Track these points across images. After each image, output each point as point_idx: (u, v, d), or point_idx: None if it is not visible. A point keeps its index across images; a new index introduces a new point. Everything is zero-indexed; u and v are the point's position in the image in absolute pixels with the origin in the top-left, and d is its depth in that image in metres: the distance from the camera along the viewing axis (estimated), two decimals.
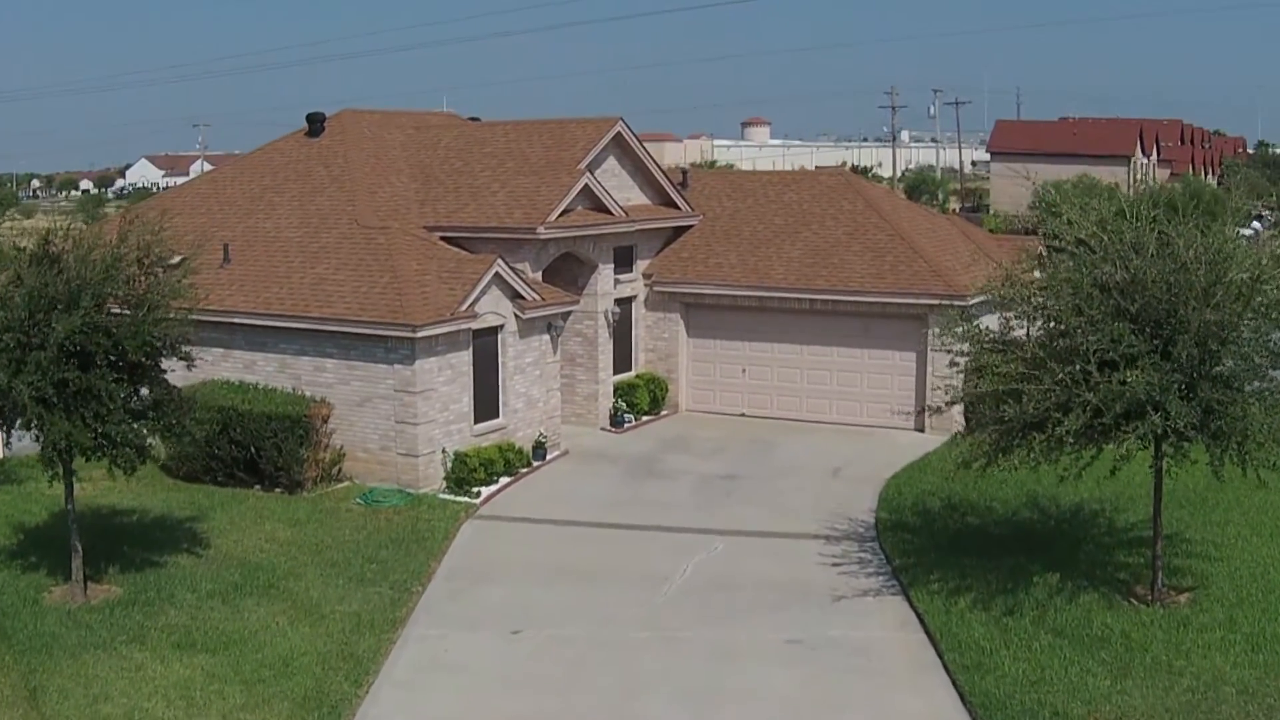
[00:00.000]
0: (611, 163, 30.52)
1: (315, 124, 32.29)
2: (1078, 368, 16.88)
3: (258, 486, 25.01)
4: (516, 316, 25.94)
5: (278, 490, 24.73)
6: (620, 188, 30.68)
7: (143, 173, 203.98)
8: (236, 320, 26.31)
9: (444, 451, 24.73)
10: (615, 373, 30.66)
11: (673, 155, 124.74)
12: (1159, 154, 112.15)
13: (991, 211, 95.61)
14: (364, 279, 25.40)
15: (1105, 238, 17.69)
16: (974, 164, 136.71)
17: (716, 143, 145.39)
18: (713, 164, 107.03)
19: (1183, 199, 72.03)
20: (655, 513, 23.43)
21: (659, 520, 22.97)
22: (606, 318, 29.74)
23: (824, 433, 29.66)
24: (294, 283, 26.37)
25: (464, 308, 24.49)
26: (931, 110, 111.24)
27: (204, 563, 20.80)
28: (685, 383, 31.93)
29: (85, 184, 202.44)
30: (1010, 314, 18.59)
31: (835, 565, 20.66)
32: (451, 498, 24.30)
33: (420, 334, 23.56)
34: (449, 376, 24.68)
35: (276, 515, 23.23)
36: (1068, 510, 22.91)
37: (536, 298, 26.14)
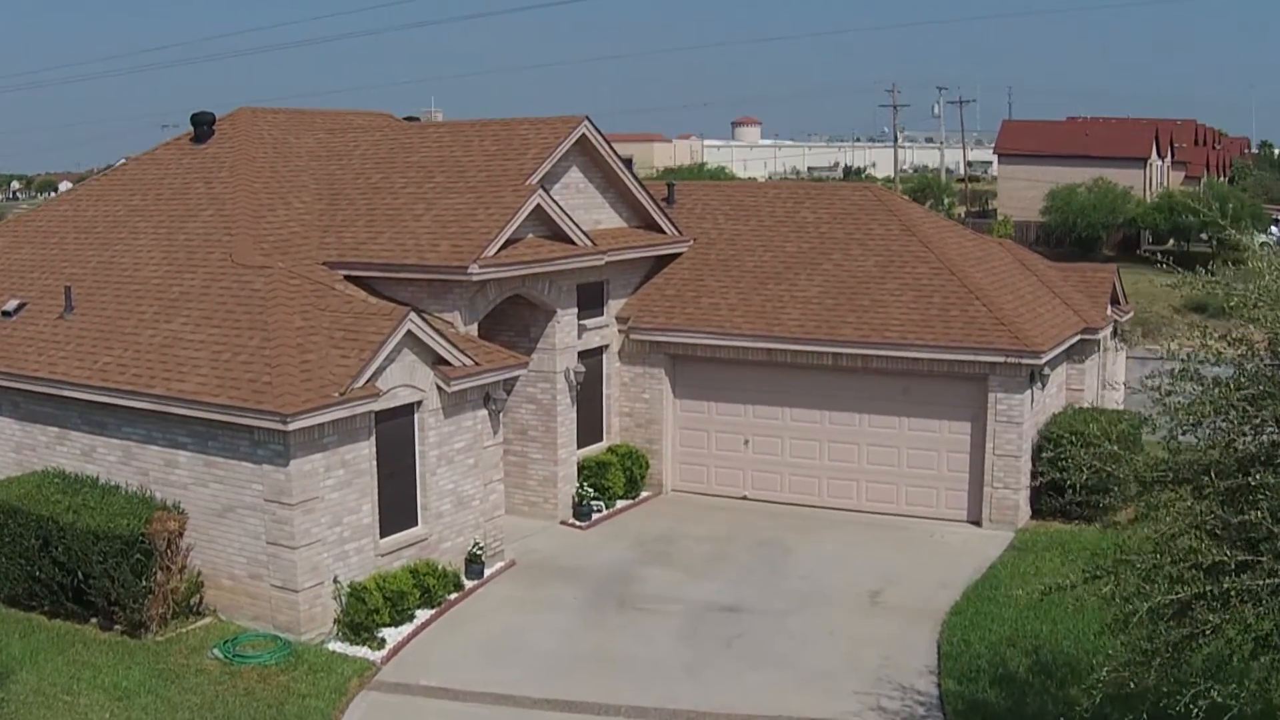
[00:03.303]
0: (575, 175, 23.61)
1: (201, 126, 25.37)
2: None
3: (95, 620, 18.34)
4: (440, 389, 19.03)
5: (117, 628, 18.01)
6: (586, 206, 23.79)
7: None
8: (68, 393, 19.48)
9: (336, 582, 17.83)
10: (581, 446, 23.75)
11: (661, 156, 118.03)
12: (1173, 156, 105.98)
13: (1000, 217, 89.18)
14: (229, 340, 18.50)
15: None
16: (970, 164, 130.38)
17: (706, 143, 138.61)
18: (702, 166, 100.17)
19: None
20: (626, 679, 16.49)
21: (631, 694, 16.04)
22: (568, 378, 22.81)
23: (851, 527, 22.78)
24: (142, 343, 19.48)
25: (361, 383, 17.57)
26: (936, 109, 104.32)
27: None
28: (671, 456, 25.01)
29: (65, 185, 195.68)
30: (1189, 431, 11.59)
31: None
32: (344, 649, 17.42)
33: (294, 425, 16.63)
34: (342, 478, 17.76)
35: (101, 677, 16.59)
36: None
37: (467, 362, 19.22)
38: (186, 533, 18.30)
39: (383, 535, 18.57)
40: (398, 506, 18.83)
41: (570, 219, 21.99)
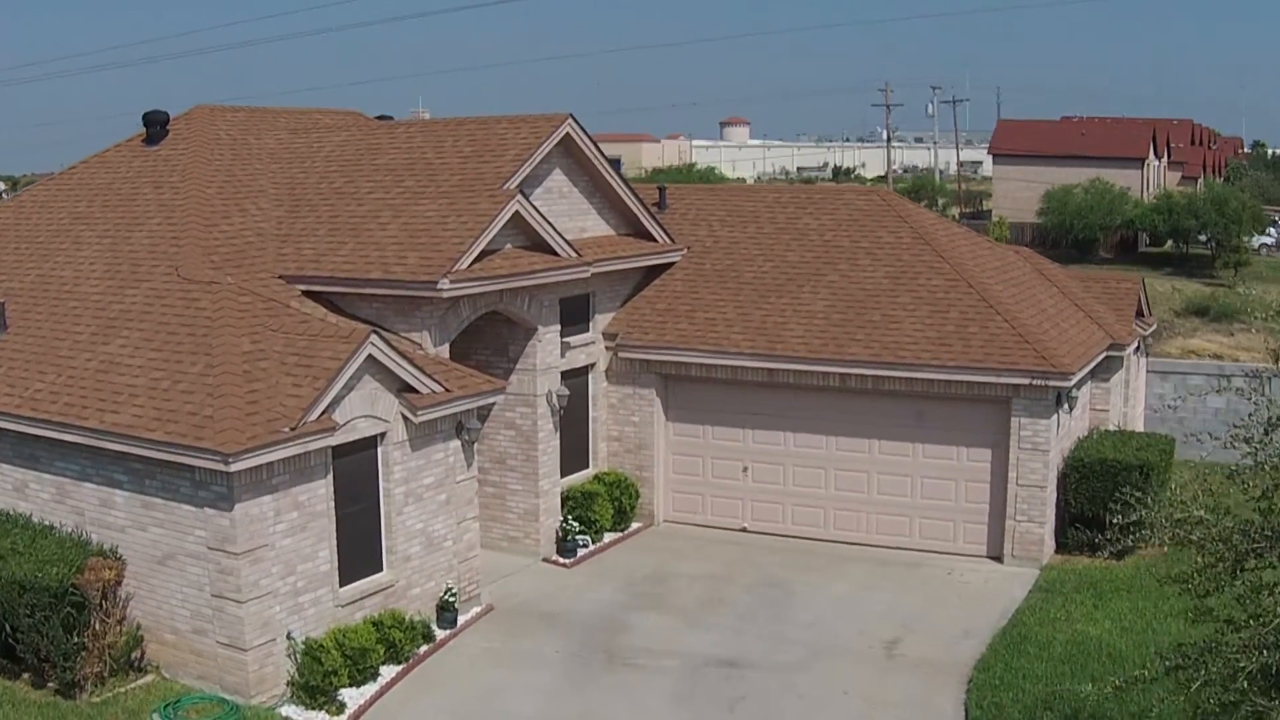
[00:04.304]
0: (558, 179, 21.65)
1: (154, 126, 23.36)
2: None
3: (27, 675, 16.45)
4: (405, 419, 17.05)
5: (51, 686, 16.11)
6: (570, 213, 21.85)
7: None
8: None
9: (290, 638, 15.85)
10: (565, 474, 21.80)
11: (650, 157, 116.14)
12: (1169, 156, 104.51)
13: (995, 218, 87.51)
14: (169, 365, 16.52)
15: None
16: (961, 164, 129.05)
17: (695, 143, 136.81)
18: (692, 166, 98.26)
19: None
20: None
21: None
22: (550, 402, 20.85)
23: (861, 564, 20.87)
24: (77, 367, 17.49)
25: (315, 415, 15.59)
26: (930, 109, 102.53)
27: None
28: (663, 484, 23.06)
29: None
30: None
31: None
32: (299, 714, 15.50)
33: (238, 465, 14.64)
34: (295, 522, 15.78)
35: None
36: None
37: (437, 388, 17.25)
38: (125, 580, 16.36)
39: (342, 584, 16.58)
40: (360, 551, 16.86)
41: (552, 227, 20.05)
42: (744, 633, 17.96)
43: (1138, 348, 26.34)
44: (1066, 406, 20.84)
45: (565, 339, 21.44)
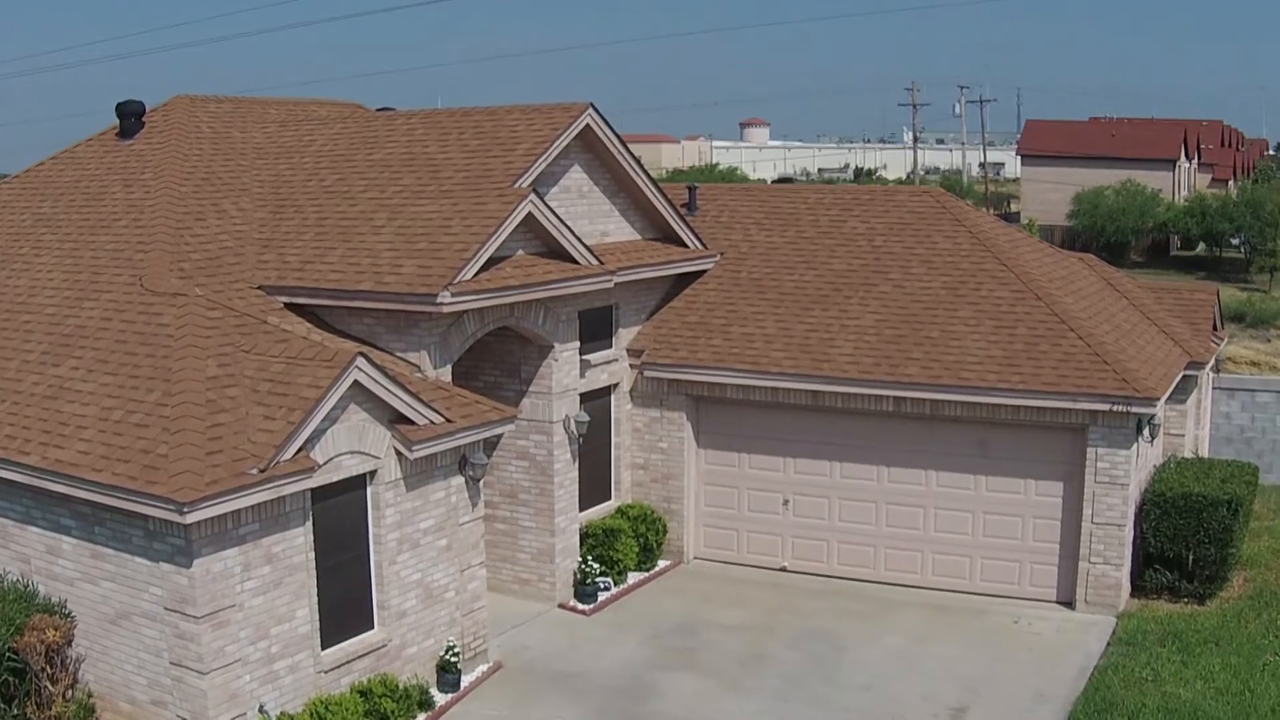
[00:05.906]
0: (577, 176, 19.29)
1: (128, 118, 21.11)
2: None
3: None
4: (399, 454, 14.71)
5: None
6: (590, 215, 19.51)
7: None
8: None
9: (262, 712, 13.54)
10: (584, 508, 19.45)
11: (670, 158, 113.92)
12: (1200, 157, 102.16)
13: (1024, 220, 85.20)
14: (124, 392, 14.22)
15: None
16: (982, 165, 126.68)
17: (715, 144, 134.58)
18: (714, 167, 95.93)
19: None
20: None
21: None
22: (568, 429, 18.49)
23: (916, 611, 18.48)
24: (23, 392, 15.23)
25: (290, 453, 13.26)
26: (957, 108, 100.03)
27: None
28: (693, 518, 20.69)
29: None
30: None
31: None
32: None
33: (195, 515, 12.32)
34: (267, 578, 13.45)
35: None
36: None
37: (436, 418, 14.90)
38: (76, 640, 14.11)
39: (325, 646, 14.27)
40: (346, 607, 14.54)
41: (570, 231, 17.67)
42: (789, 698, 15.59)
43: (1212, 365, 23.94)
44: (1147, 434, 18.46)
45: (585, 357, 19.10)
